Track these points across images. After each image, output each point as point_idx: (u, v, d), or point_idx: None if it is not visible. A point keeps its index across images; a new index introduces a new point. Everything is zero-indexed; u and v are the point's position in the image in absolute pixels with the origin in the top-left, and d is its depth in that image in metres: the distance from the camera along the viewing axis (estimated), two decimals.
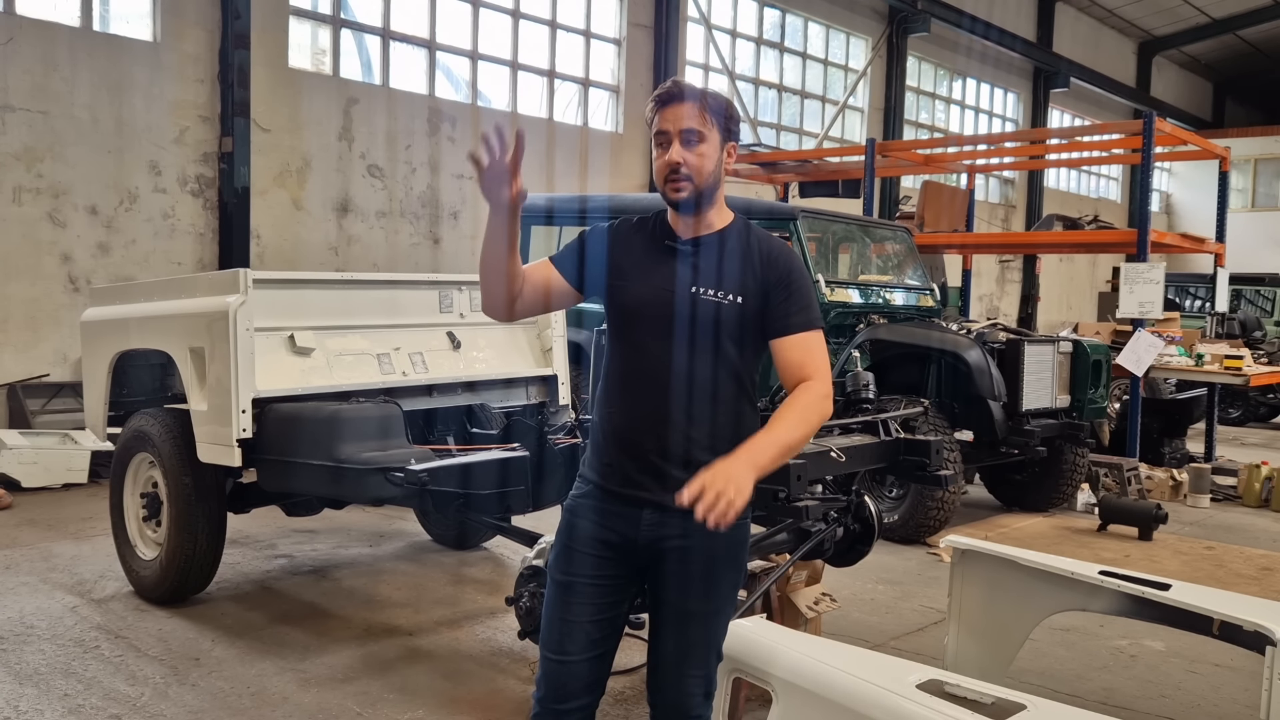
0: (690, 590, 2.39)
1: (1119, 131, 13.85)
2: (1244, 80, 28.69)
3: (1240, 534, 7.52)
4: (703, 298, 2.36)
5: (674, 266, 2.40)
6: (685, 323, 2.36)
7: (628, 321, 2.42)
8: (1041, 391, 7.27)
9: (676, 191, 2.37)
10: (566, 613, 2.41)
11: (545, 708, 2.43)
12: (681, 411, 2.35)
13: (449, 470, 4.33)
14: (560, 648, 2.41)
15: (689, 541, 2.36)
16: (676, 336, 2.36)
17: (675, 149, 2.35)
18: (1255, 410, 14.76)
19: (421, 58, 11.74)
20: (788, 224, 7.50)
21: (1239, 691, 4.36)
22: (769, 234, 2.51)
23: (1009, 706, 2.42)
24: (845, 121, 17.80)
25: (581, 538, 2.43)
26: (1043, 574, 3.67)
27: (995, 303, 20.52)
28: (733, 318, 2.36)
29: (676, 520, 2.32)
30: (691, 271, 2.39)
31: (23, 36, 8.60)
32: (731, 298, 2.37)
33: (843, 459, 3.86)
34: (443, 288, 5.49)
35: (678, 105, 2.36)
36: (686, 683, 2.42)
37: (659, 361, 2.36)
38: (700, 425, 2.36)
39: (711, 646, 2.46)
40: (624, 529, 2.39)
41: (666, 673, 2.44)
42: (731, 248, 2.42)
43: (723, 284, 2.38)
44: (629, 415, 2.40)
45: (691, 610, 2.41)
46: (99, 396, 5.45)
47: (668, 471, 2.34)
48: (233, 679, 4.16)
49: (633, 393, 2.40)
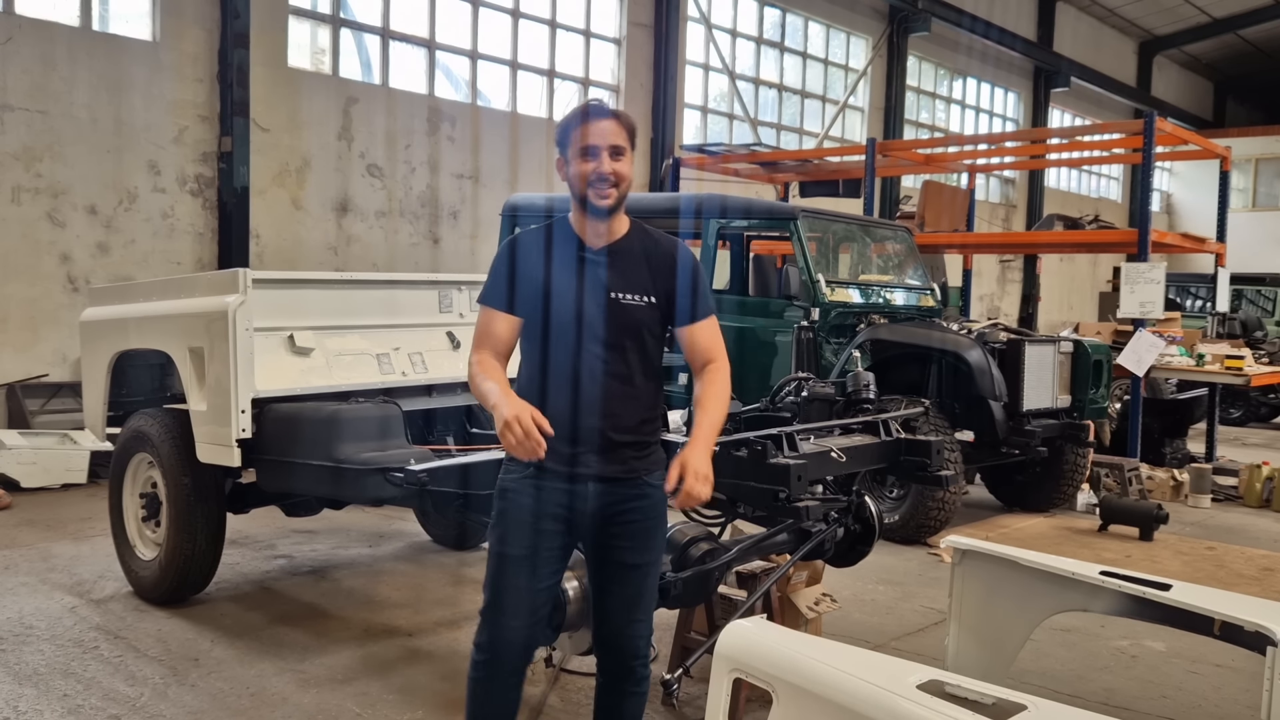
0: (634, 546, 2.80)
1: (1120, 131, 13.85)
2: (1245, 80, 28.68)
3: (1241, 534, 7.52)
4: (624, 302, 2.72)
5: (596, 275, 2.73)
6: (614, 325, 2.71)
7: (562, 329, 2.72)
8: (1042, 392, 7.26)
9: (603, 199, 2.68)
10: (515, 582, 2.75)
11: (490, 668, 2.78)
12: (616, 401, 2.73)
13: (448, 470, 4.32)
14: (516, 613, 2.75)
15: (629, 504, 2.77)
16: (606, 337, 2.71)
17: (605, 160, 2.66)
18: (1256, 410, 14.75)
19: (421, 57, 11.74)
20: (788, 224, 7.50)
21: (1240, 692, 4.35)
22: (662, 233, 2.85)
23: (1010, 707, 2.41)
24: (845, 121, 17.80)
25: (524, 515, 2.74)
26: (1044, 574, 3.66)
27: (996, 303, 20.51)
28: (650, 316, 2.75)
29: (620, 490, 2.76)
30: (612, 279, 2.73)
31: (22, 36, 8.59)
32: (648, 299, 2.75)
33: (843, 459, 3.85)
34: (442, 288, 5.48)
35: (604, 121, 2.68)
36: (635, 627, 2.84)
37: (593, 360, 2.71)
38: (631, 410, 2.76)
39: (652, 595, 2.91)
40: (571, 503, 2.74)
41: (618, 621, 2.83)
42: (638, 251, 2.77)
43: (639, 287, 2.74)
44: (569, 407, 2.71)
45: (636, 563, 2.81)
46: (98, 396, 5.44)
47: (608, 450, 2.73)
48: (232, 679, 4.15)
49: (571, 388, 2.72)
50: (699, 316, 2.81)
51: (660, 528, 2.87)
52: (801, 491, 3.54)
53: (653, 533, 2.83)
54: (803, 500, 3.54)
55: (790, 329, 7.18)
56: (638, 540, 2.80)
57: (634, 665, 2.87)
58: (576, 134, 2.68)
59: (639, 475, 2.78)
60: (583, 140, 2.66)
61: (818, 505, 3.63)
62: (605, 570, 2.84)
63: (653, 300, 2.75)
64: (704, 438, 2.72)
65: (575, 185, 2.69)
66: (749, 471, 3.57)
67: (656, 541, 2.86)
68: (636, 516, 2.79)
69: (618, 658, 2.86)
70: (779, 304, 7.44)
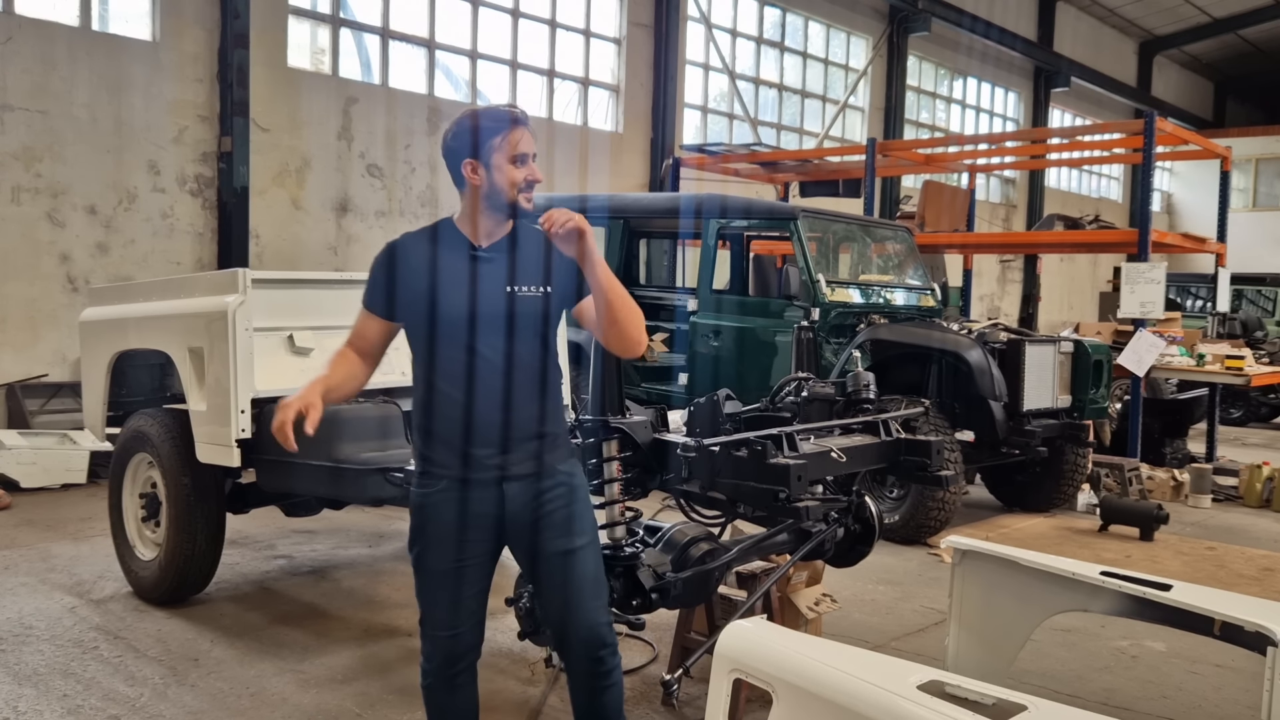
0: (562, 535, 2.75)
1: (1120, 131, 13.84)
2: (1245, 80, 28.68)
3: (1241, 534, 7.51)
4: (521, 294, 2.71)
5: (489, 271, 2.72)
6: (513, 319, 2.70)
7: (454, 328, 2.68)
8: (1042, 392, 7.25)
9: (529, 202, 2.74)
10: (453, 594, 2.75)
11: (439, 676, 2.82)
12: (520, 397, 2.72)
13: None
14: (450, 625, 2.77)
15: (546, 496, 2.75)
16: (506, 333, 2.70)
17: (534, 167, 2.73)
18: (1256, 410, 14.74)
19: (421, 57, 11.74)
20: (788, 224, 7.49)
21: (1240, 692, 4.35)
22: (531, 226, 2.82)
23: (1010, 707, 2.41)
24: (846, 121, 17.79)
25: (445, 526, 2.73)
26: (1044, 575, 3.66)
27: (996, 303, 20.51)
28: (546, 306, 2.75)
29: (531, 483, 2.74)
30: (504, 274, 2.72)
31: (22, 36, 8.59)
32: (541, 289, 2.74)
33: (843, 459, 3.84)
34: None
35: (526, 129, 2.73)
36: (587, 615, 2.75)
37: (494, 358, 2.68)
38: (536, 404, 2.75)
39: (597, 579, 2.81)
40: (488, 508, 2.73)
41: (568, 614, 2.76)
42: (524, 244, 2.78)
43: (532, 279, 2.74)
44: (473, 409, 2.68)
45: (567, 549, 2.75)
46: (98, 396, 5.44)
47: (513, 448, 2.72)
48: (232, 680, 4.15)
49: (472, 389, 2.68)
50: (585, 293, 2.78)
51: (584, 510, 2.82)
52: (801, 491, 3.53)
53: (576, 517, 2.79)
54: (803, 500, 3.53)
55: (790, 329, 7.17)
56: (562, 527, 2.76)
57: (600, 656, 2.78)
58: (505, 141, 2.69)
59: (551, 469, 2.77)
60: (515, 148, 2.69)
61: (818, 505, 3.63)
62: (541, 567, 2.80)
63: (547, 289, 2.75)
64: None
65: (503, 190, 2.70)
66: (749, 471, 3.57)
67: (583, 524, 2.80)
68: (556, 505, 2.77)
69: (580, 651, 2.78)
70: (779, 304, 7.44)
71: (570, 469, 2.83)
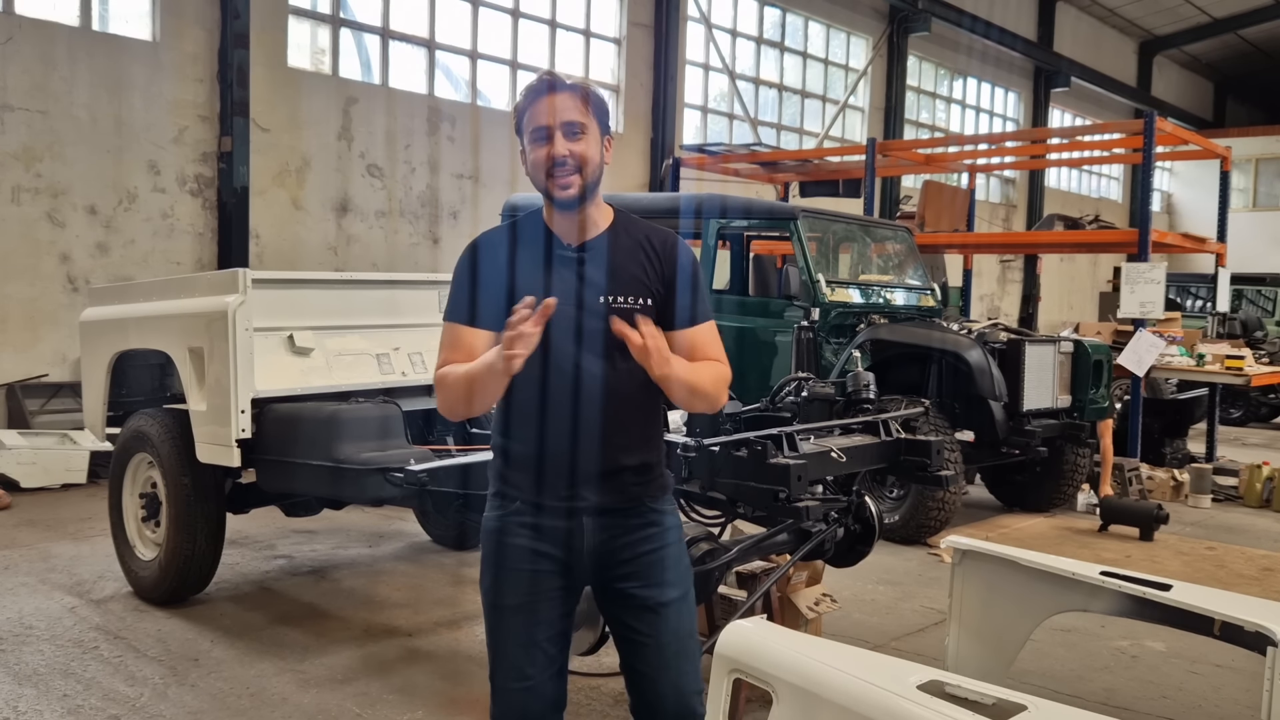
0: (650, 583, 2.36)
1: (1120, 131, 13.84)
2: (1245, 80, 28.68)
3: (1241, 534, 7.51)
4: (617, 306, 2.29)
5: (571, 276, 2.31)
6: (597, 336, 2.28)
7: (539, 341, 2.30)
8: (1042, 392, 7.25)
9: (564, 189, 2.26)
10: (523, 635, 2.34)
11: None
12: (610, 422, 2.32)
13: (448, 470, 4.32)
14: (521, 674, 2.34)
15: (635, 535, 2.36)
16: (594, 350, 2.29)
17: (560, 142, 2.25)
18: (1256, 410, 14.74)
19: (421, 57, 11.73)
20: (788, 224, 7.49)
21: (1240, 692, 4.34)
22: (653, 225, 2.43)
23: (1010, 707, 2.41)
24: (846, 121, 17.79)
25: (518, 556, 2.36)
26: (1044, 574, 3.66)
27: (996, 303, 20.51)
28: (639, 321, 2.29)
29: (620, 520, 2.36)
30: (590, 280, 2.31)
31: (22, 36, 8.59)
32: (642, 301, 2.32)
33: (843, 459, 3.85)
34: (442, 288, 5.45)
35: (553, 96, 2.26)
36: (685, 680, 2.36)
37: (575, 377, 2.30)
38: (627, 430, 2.36)
39: (689, 641, 2.40)
40: (566, 540, 2.35)
41: (660, 678, 2.36)
42: (624, 247, 2.35)
43: (625, 289, 2.31)
44: (557, 432, 2.32)
45: (662, 602, 2.36)
46: (98, 396, 5.44)
47: (606, 478, 2.34)
48: (232, 680, 4.15)
49: (553, 411, 2.32)
50: (699, 319, 2.38)
51: (678, 557, 2.41)
52: (801, 491, 3.53)
53: (669, 564, 2.37)
54: (803, 500, 3.53)
55: (790, 329, 7.17)
56: (652, 575, 2.36)
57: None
58: (528, 116, 2.28)
59: (642, 502, 2.38)
60: (534, 121, 2.27)
61: (818, 505, 3.63)
62: (624, 619, 2.38)
63: (648, 302, 2.32)
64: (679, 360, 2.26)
65: (535, 176, 2.30)
66: (749, 471, 3.57)
67: (677, 575, 2.38)
68: (645, 548, 2.37)
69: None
70: (779, 304, 7.44)
71: (662, 506, 2.42)
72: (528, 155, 2.31)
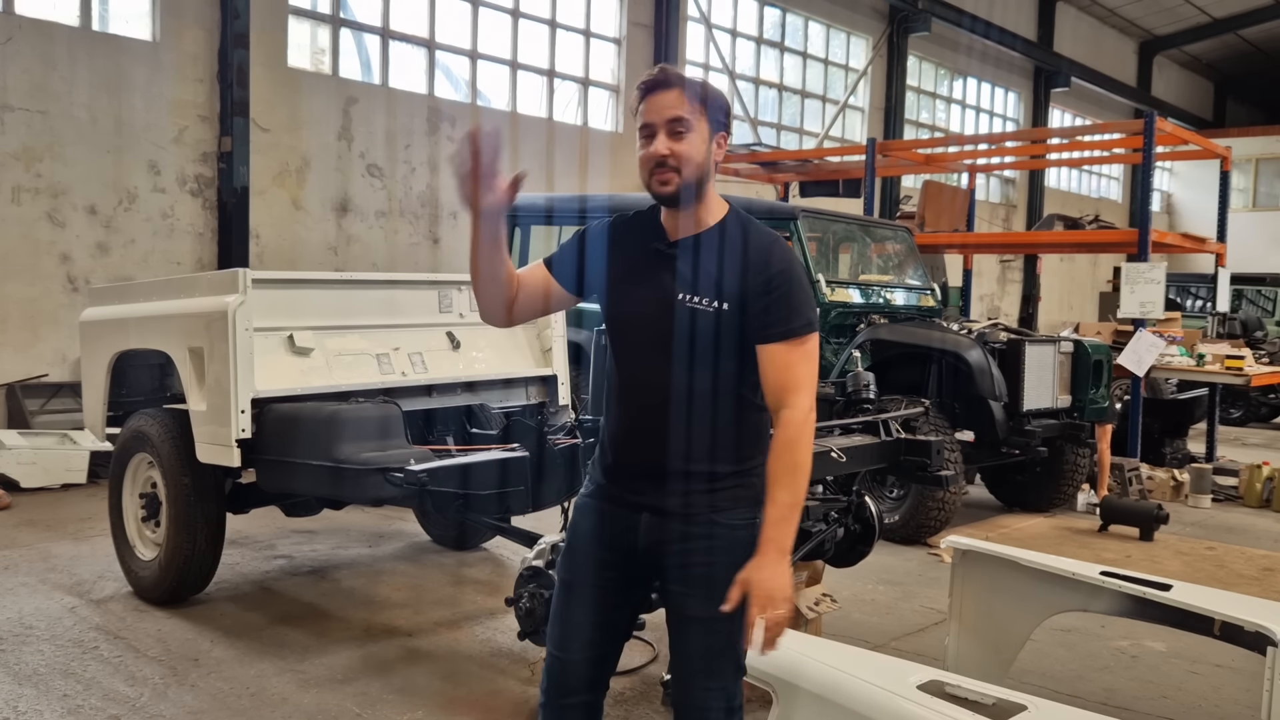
0: (692, 596, 2.32)
1: (1120, 131, 13.85)
2: (1245, 80, 28.68)
3: (1241, 534, 7.51)
4: (691, 305, 2.28)
5: (663, 272, 2.32)
6: (675, 334, 2.28)
7: (620, 329, 2.39)
8: (1042, 391, 7.25)
9: (664, 185, 2.28)
10: (568, 612, 2.43)
11: (549, 699, 2.44)
12: (679, 422, 2.29)
13: (448, 471, 4.32)
14: (562, 645, 2.43)
15: (688, 545, 2.32)
16: (668, 348, 2.29)
17: (661, 140, 2.26)
18: (1256, 410, 14.75)
19: (421, 57, 11.73)
20: (788, 224, 7.49)
21: (1240, 692, 4.35)
22: (767, 230, 2.37)
23: (1010, 707, 2.41)
24: (846, 121, 17.79)
25: (583, 538, 2.44)
26: (1044, 574, 3.66)
27: (996, 303, 20.51)
28: (723, 325, 2.27)
29: (675, 525, 2.32)
30: (680, 278, 2.30)
31: (22, 36, 8.59)
32: (716, 304, 2.28)
33: (843, 459, 3.85)
34: (442, 288, 5.48)
35: (664, 93, 2.27)
36: (702, 696, 2.35)
37: (652, 371, 2.31)
38: (698, 436, 2.31)
39: (725, 658, 2.33)
40: (623, 533, 2.38)
41: (683, 684, 2.38)
42: (721, 248, 2.32)
43: (706, 290, 2.28)
44: (627, 422, 2.37)
45: (695, 617, 2.33)
46: (98, 397, 5.44)
47: (666, 479, 2.32)
48: (232, 680, 4.15)
49: (629, 400, 2.37)
50: (773, 337, 2.26)
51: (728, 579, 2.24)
52: None
53: (717, 581, 2.25)
54: None
55: None
56: (697, 588, 2.31)
57: None
58: (639, 111, 2.30)
59: (703, 513, 2.31)
60: (642, 118, 2.29)
61: (818, 505, 3.63)
62: (670, 620, 2.41)
63: (724, 306, 2.27)
64: (773, 539, 2.21)
65: (641, 171, 2.32)
66: None
67: (718, 593, 2.24)
68: (697, 559, 2.31)
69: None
70: None
71: (729, 520, 2.31)
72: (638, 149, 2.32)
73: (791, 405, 2.26)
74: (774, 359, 2.27)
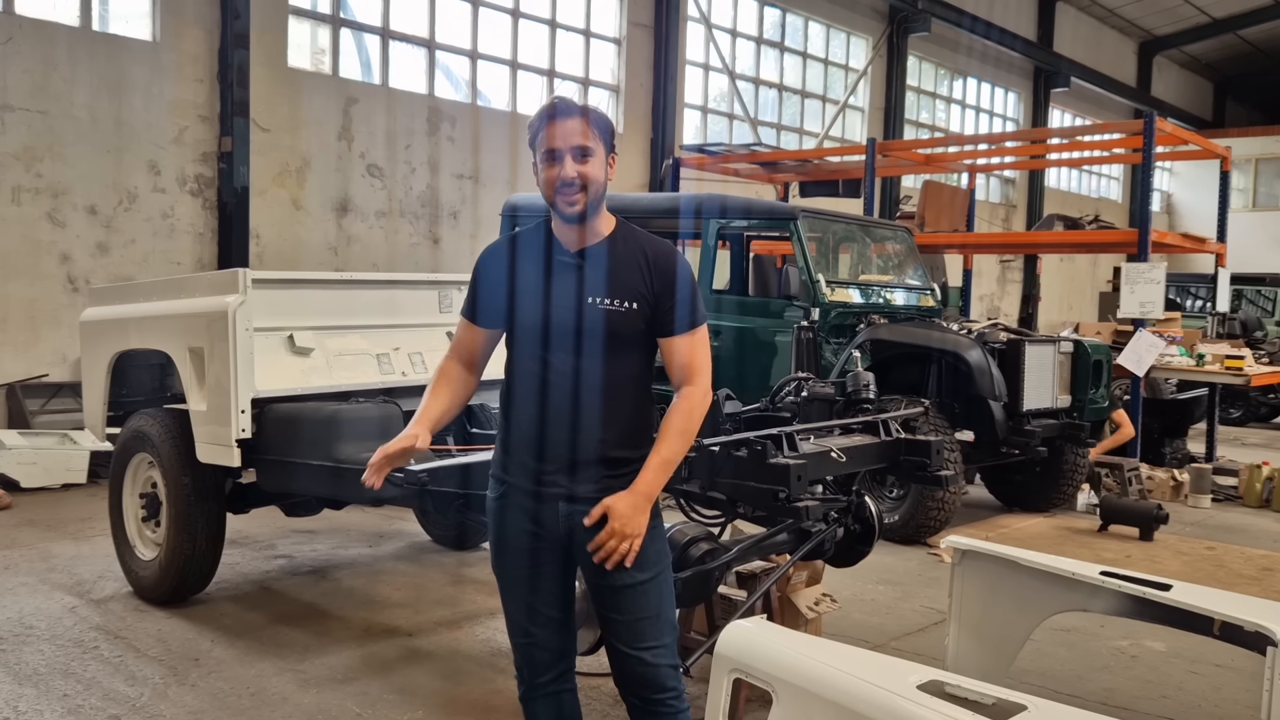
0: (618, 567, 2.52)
1: (1120, 131, 13.85)
2: (1245, 80, 28.69)
3: (1241, 534, 7.52)
4: (599, 307, 2.53)
5: (568, 279, 2.56)
6: (585, 334, 2.53)
7: (529, 337, 2.58)
8: (1042, 391, 7.25)
9: (571, 205, 2.52)
10: (518, 601, 2.66)
11: (528, 685, 2.71)
12: (588, 416, 2.54)
13: (449, 470, 4.32)
14: (525, 631, 2.67)
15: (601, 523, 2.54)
16: (577, 348, 2.53)
17: (569, 164, 2.49)
18: (1256, 410, 14.75)
19: (421, 57, 11.74)
20: (788, 224, 7.49)
21: (1240, 692, 4.35)
22: (652, 236, 2.65)
23: (1009, 707, 2.41)
24: (845, 121, 17.80)
25: (510, 532, 2.64)
26: (1043, 574, 3.66)
27: (996, 303, 20.51)
28: (628, 324, 2.54)
29: (586, 507, 2.54)
30: (584, 283, 2.54)
31: (22, 36, 8.59)
32: (626, 305, 2.54)
33: (843, 459, 3.84)
34: (442, 288, 5.48)
35: (567, 120, 2.51)
36: (646, 656, 2.57)
37: (564, 372, 2.54)
38: (606, 427, 2.56)
39: (660, 618, 2.59)
40: (546, 522, 2.59)
41: (626, 653, 2.58)
42: (619, 254, 2.57)
43: (616, 292, 2.54)
44: (539, 422, 2.57)
45: (626, 583, 2.55)
46: (98, 396, 5.44)
47: (578, 469, 2.56)
48: (232, 679, 4.15)
49: (541, 401, 2.56)
50: (678, 329, 2.58)
51: (654, 541, 2.59)
52: (801, 491, 3.53)
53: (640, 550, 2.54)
54: (803, 500, 3.53)
55: (790, 329, 7.17)
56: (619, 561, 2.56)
57: (661, 698, 2.58)
58: (541, 137, 2.53)
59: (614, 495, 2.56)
60: (546, 143, 2.52)
61: (818, 505, 3.63)
62: (599, 596, 2.61)
63: (633, 306, 2.54)
64: (645, 482, 2.51)
65: (545, 192, 2.55)
66: (749, 471, 3.57)
67: (646, 558, 2.55)
68: None
69: (639, 693, 2.60)
70: (779, 304, 7.44)
71: None
72: (539, 173, 2.55)
73: (694, 383, 2.60)
74: (680, 348, 2.60)
